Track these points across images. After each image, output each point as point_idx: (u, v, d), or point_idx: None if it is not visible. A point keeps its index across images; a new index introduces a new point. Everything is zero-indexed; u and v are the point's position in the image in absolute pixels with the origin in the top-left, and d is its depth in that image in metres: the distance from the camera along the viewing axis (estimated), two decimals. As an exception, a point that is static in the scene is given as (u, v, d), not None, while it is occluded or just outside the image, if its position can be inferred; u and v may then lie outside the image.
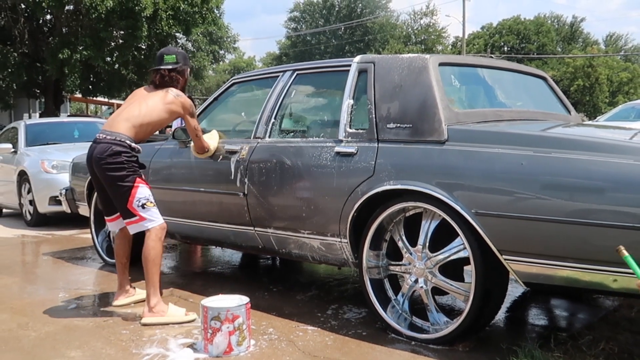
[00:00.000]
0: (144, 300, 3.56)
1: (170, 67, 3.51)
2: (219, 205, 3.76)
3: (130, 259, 3.67)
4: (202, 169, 3.89)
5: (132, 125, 3.36)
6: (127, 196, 3.27)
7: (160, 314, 3.26)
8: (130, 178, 3.28)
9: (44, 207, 6.76)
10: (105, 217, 3.65)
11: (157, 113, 3.42)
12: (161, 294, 3.43)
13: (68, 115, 26.92)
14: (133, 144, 3.35)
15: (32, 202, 6.91)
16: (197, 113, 4.16)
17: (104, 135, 3.35)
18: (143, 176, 3.41)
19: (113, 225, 3.60)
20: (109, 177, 3.30)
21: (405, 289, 3.03)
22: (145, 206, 3.27)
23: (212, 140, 3.74)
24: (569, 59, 44.48)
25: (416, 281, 2.96)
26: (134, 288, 3.69)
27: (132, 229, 3.37)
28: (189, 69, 3.65)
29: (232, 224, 3.74)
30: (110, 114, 36.91)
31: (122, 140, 3.31)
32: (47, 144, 7.58)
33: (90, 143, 3.45)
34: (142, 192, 3.29)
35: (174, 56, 3.55)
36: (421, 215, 2.92)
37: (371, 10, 53.08)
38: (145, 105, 3.42)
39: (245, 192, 3.58)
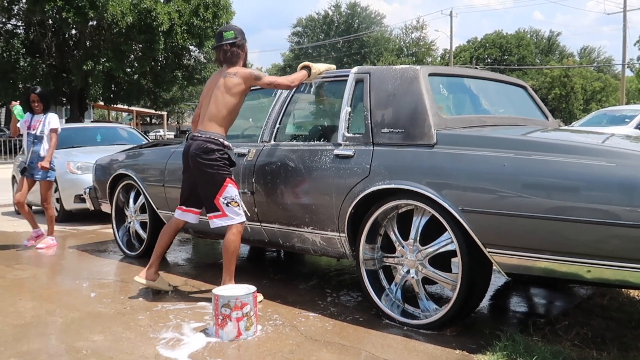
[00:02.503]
0: (166, 291, 3.62)
1: (230, 41, 3.41)
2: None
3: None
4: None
5: (219, 123, 3.34)
6: (215, 192, 3.25)
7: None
8: (220, 177, 3.26)
9: (70, 205, 6.76)
10: (182, 207, 3.55)
11: (229, 103, 3.34)
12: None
13: (91, 121, 26.96)
14: (225, 142, 3.33)
15: (58, 200, 6.91)
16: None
17: (199, 134, 3.35)
18: (233, 176, 3.36)
19: (187, 215, 3.53)
20: (202, 172, 3.29)
21: (398, 279, 3.03)
22: (229, 205, 3.25)
23: (316, 65, 3.50)
24: (546, 69, 44.50)
25: (408, 272, 2.96)
26: (159, 274, 3.67)
27: (214, 223, 3.31)
28: (247, 43, 3.49)
29: (241, 220, 3.73)
30: (130, 120, 36.86)
31: (215, 138, 3.30)
32: (73, 147, 7.57)
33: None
34: (230, 191, 3.26)
35: (232, 32, 3.44)
36: (412, 212, 2.92)
37: (367, 25, 53.09)
38: (218, 100, 3.34)
39: (253, 191, 3.58)
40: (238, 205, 3.29)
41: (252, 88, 3.48)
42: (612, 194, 2.27)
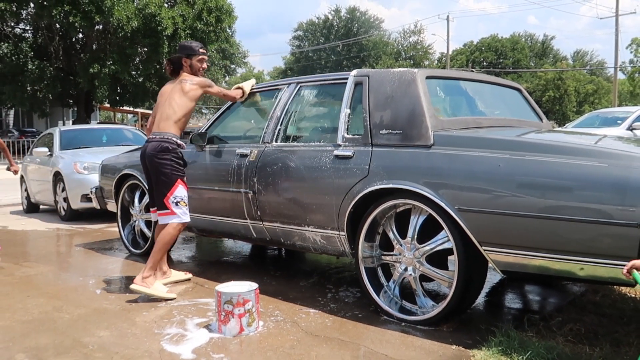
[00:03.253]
0: (178, 282, 3.70)
1: (168, 59, 3.71)
2: (231, 202, 3.76)
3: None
4: (217, 170, 3.89)
5: (173, 122, 3.50)
6: (166, 192, 3.38)
7: (148, 285, 3.34)
8: (173, 177, 3.40)
9: (76, 204, 6.76)
10: (151, 209, 3.75)
11: (186, 105, 3.54)
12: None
13: (97, 123, 26.98)
14: (179, 141, 3.50)
15: (65, 199, 6.92)
16: (213, 120, 4.18)
17: (154, 136, 3.49)
18: (185, 178, 3.48)
19: (155, 216, 3.69)
20: (158, 172, 3.44)
21: (396, 276, 3.03)
22: (178, 204, 3.37)
23: (245, 85, 3.90)
24: (541, 72, 44.48)
25: (406, 269, 2.96)
26: (170, 270, 3.76)
27: (162, 220, 3.46)
28: (194, 56, 3.64)
29: (243, 219, 3.73)
30: (136, 121, 36.94)
31: (170, 138, 3.45)
32: (79, 147, 7.57)
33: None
34: (180, 191, 3.39)
35: (177, 48, 3.71)
36: (410, 211, 2.92)
37: (366, 29, 53.07)
38: (175, 102, 3.52)
39: (255, 191, 3.58)
40: (186, 205, 3.41)
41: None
42: (605, 194, 2.27)
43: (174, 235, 3.44)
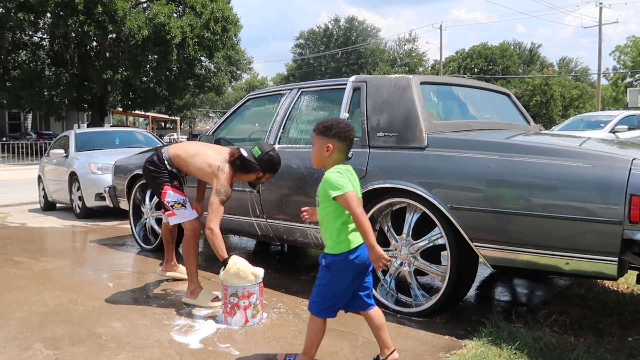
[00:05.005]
0: (182, 280, 3.63)
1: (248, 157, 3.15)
2: (237, 201, 3.75)
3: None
4: (223, 171, 3.88)
5: (181, 157, 3.28)
6: (159, 197, 3.32)
7: (194, 296, 3.21)
8: (159, 184, 3.28)
9: (91, 202, 6.76)
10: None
11: (195, 166, 3.22)
12: None
13: (111, 126, 27.00)
14: (169, 166, 3.29)
15: (80, 198, 6.91)
16: (220, 123, 4.16)
17: (157, 149, 3.50)
18: (175, 182, 3.29)
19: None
20: (147, 179, 3.43)
21: (392, 271, 3.02)
22: (173, 207, 3.28)
23: (231, 263, 2.90)
24: (528, 78, 44.49)
25: (401, 264, 2.96)
26: (178, 265, 3.72)
27: (170, 221, 3.37)
28: (261, 172, 3.15)
29: (248, 216, 3.73)
30: (147, 124, 36.90)
31: (163, 157, 3.29)
32: (93, 149, 7.57)
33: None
34: (169, 196, 3.26)
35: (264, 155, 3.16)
36: (405, 209, 2.92)
37: (364, 38, 53.08)
38: (200, 157, 3.21)
39: (259, 190, 3.57)
40: (181, 206, 3.26)
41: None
42: (588, 193, 2.28)
43: (188, 244, 3.28)
